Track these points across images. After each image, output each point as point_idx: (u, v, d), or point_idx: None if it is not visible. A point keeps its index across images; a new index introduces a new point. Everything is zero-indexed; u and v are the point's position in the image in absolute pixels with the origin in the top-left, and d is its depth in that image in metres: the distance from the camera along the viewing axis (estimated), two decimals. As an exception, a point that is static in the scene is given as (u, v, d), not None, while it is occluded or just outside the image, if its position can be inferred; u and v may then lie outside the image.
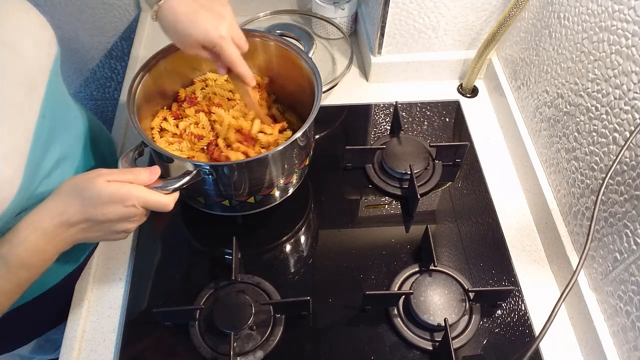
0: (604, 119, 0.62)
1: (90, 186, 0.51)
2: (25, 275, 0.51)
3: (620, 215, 0.58)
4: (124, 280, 0.70)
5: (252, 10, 1.06)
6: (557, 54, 0.72)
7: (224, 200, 0.66)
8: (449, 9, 0.85)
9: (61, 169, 0.60)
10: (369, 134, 0.88)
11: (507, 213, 0.78)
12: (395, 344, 0.64)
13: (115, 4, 1.09)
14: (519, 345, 0.64)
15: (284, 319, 0.65)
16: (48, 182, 0.58)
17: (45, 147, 0.57)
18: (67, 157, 0.62)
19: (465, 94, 0.95)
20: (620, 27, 0.58)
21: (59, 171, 0.60)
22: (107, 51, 1.20)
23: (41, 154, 0.56)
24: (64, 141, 0.62)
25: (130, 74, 0.97)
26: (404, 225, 0.77)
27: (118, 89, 1.31)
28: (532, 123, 0.80)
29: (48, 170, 0.58)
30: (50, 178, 0.58)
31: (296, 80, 0.74)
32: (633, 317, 0.56)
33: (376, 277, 0.70)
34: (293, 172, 0.68)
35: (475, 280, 0.70)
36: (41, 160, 0.56)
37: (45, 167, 0.57)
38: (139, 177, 0.54)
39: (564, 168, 0.71)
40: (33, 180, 0.55)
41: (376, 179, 0.80)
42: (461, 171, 0.83)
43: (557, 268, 0.71)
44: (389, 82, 0.97)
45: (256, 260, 0.73)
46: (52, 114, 0.58)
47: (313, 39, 0.99)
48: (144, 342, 0.65)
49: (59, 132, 0.60)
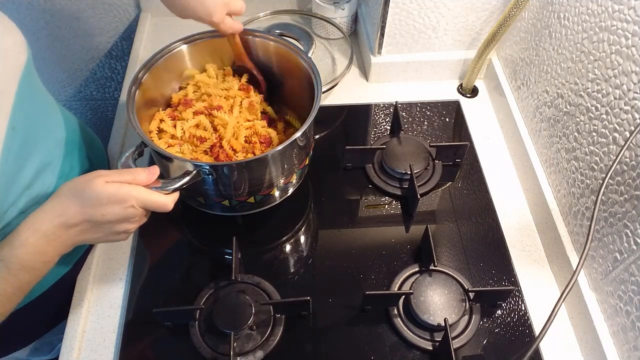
0: (604, 119, 0.62)
1: (88, 187, 0.50)
2: (27, 278, 0.50)
3: (620, 215, 0.58)
4: (124, 280, 0.70)
5: (252, 10, 1.06)
6: (557, 54, 0.72)
7: (224, 200, 0.66)
8: (449, 9, 0.85)
9: (42, 179, 0.60)
10: (369, 134, 0.88)
11: (507, 213, 0.78)
12: (395, 344, 0.64)
13: (115, 4, 1.09)
14: (519, 345, 0.64)
15: (284, 319, 0.65)
16: (30, 193, 0.57)
17: (21, 159, 0.55)
18: (48, 166, 0.61)
19: (465, 94, 0.95)
20: (620, 27, 0.58)
21: (39, 181, 0.59)
22: (107, 51, 1.20)
23: (16, 167, 0.54)
24: (43, 150, 0.60)
25: (130, 74, 0.97)
26: (404, 225, 0.77)
27: (118, 89, 1.31)
28: (532, 123, 0.80)
29: (28, 182, 0.57)
30: (32, 189, 0.58)
31: (296, 80, 0.74)
32: (633, 317, 0.56)
33: (376, 277, 0.70)
34: (293, 172, 0.68)
35: (475, 280, 0.70)
36: (17, 173, 0.55)
37: (24, 179, 0.56)
38: (138, 177, 0.54)
39: (564, 168, 0.71)
40: (8, 193, 0.54)
41: (376, 179, 0.80)
42: (461, 171, 0.83)
43: (557, 268, 0.71)
44: (389, 82, 0.97)
45: (256, 260, 0.73)
46: (26, 125, 0.55)
47: (313, 39, 0.99)
48: (144, 342, 0.65)
49: (37, 141, 0.58)
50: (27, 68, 0.57)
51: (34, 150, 0.58)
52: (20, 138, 0.54)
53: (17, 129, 0.53)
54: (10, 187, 0.54)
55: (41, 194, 0.59)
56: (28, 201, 0.56)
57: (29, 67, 0.57)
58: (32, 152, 0.58)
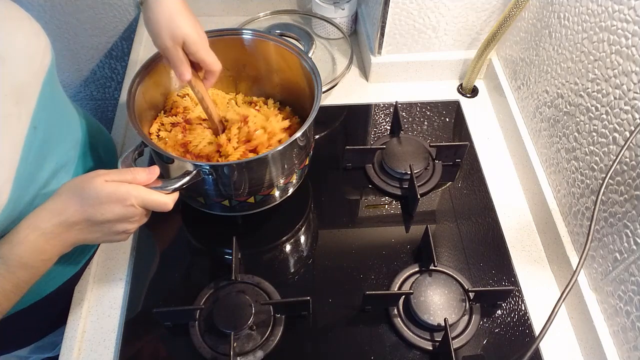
0: (604, 119, 0.62)
1: (88, 186, 0.50)
2: (25, 276, 0.50)
3: (620, 215, 0.58)
4: (124, 280, 0.70)
5: (252, 10, 1.06)
6: (557, 54, 0.72)
7: (224, 200, 0.66)
8: (449, 9, 0.85)
9: (57, 179, 0.60)
10: (369, 134, 0.88)
11: (507, 213, 0.78)
12: (395, 344, 0.64)
13: (115, 4, 1.09)
14: (519, 345, 0.64)
15: (284, 319, 0.65)
16: (45, 193, 0.57)
17: (40, 159, 0.56)
18: (64, 166, 0.62)
19: (465, 94, 0.95)
20: (620, 27, 0.58)
21: (54, 182, 0.60)
22: (107, 51, 1.20)
23: (35, 166, 0.55)
24: (60, 151, 0.61)
25: (130, 74, 0.97)
26: (404, 225, 0.77)
27: (118, 89, 1.31)
28: (532, 123, 0.80)
29: (44, 181, 0.58)
30: (47, 189, 0.58)
31: (296, 81, 0.74)
32: (633, 317, 0.56)
33: (376, 277, 0.70)
34: (293, 172, 0.68)
35: (475, 280, 0.70)
36: (35, 172, 0.56)
37: (41, 178, 0.57)
38: (138, 176, 0.54)
39: (564, 168, 0.71)
40: (26, 191, 0.54)
41: (376, 179, 0.80)
42: (461, 171, 0.83)
43: (557, 268, 0.71)
44: (389, 82, 0.97)
45: (256, 260, 0.73)
46: (46, 125, 0.57)
47: (313, 39, 0.99)
48: (144, 342, 0.65)
49: (55, 142, 0.60)
50: (50, 70, 0.59)
51: (52, 151, 0.59)
52: (40, 138, 0.55)
53: (38, 129, 0.55)
54: (28, 187, 0.54)
55: None
56: (42, 201, 0.56)
57: (52, 69, 0.59)
58: (51, 152, 0.58)
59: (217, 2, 1.06)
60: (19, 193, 0.52)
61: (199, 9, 1.05)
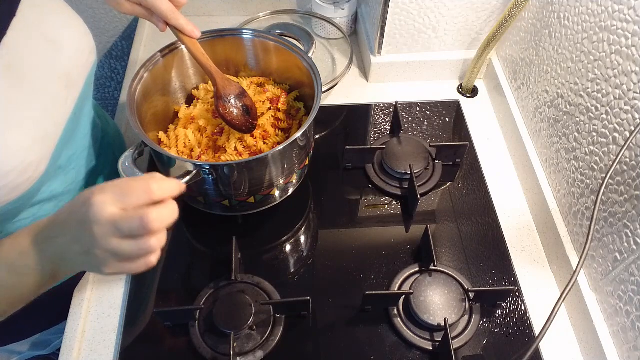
0: (604, 119, 0.62)
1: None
2: (5, 277, 0.48)
3: (620, 215, 0.58)
4: (124, 280, 0.70)
5: (252, 10, 1.06)
6: (557, 54, 0.72)
7: (224, 200, 0.66)
8: (449, 9, 0.85)
9: (64, 172, 0.61)
10: (369, 134, 0.88)
11: (507, 213, 0.78)
12: (395, 344, 0.64)
13: (115, 4, 1.09)
14: (519, 345, 0.64)
15: (284, 319, 0.65)
16: (64, 178, 0.60)
17: (66, 144, 0.59)
18: (73, 162, 0.63)
19: (465, 94, 0.95)
20: (620, 27, 0.58)
21: (72, 167, 0.62)
22: (107, 51, 1.20)
23: (61, 149, 0.58)
24: (77, 143, 0.63)
25: (130, 74, 0.97)
26: (404, 225, 0.77)
27: (118, 89, 1.31)
28: (532, 123, 0.80)
29: (64, 164, 0.60)
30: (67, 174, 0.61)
31: (296, 81, 0.74)
32: (633, 317, 0.56)
33: (376, 277, 0.70)
34: (293, 172, 0.68)
35: (475, 280, 0.70)
36: (58, 156, 0.58)
37: (61, 163, 0.59)
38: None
39: (564, 168, 0.71)
40: (51, 172, 0.56)
41: (376, 179, 0.80)
42: (461, 171, 0.83)
43: (557, 268, 0.71)
44: (389, 82, 0.97)
45: (256, 260, 0.73)
46: (79, 115, 0.60)
47: (313, 39, 0.99)
48: (144, 342, 0.65)
49: (77, 133, 0.62)
50: (93, 69, 0.63)
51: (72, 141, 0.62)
52: (73, 125, 0.59)
53: (75, 115, 0.59)
54: (54, 167, 0.57)
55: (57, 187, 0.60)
56: (59, 185, 0.59)
57: (93, 70, 0.64)
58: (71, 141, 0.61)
59: (217, 2, 1.06)
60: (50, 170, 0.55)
61: (199, 9, 1.05)
